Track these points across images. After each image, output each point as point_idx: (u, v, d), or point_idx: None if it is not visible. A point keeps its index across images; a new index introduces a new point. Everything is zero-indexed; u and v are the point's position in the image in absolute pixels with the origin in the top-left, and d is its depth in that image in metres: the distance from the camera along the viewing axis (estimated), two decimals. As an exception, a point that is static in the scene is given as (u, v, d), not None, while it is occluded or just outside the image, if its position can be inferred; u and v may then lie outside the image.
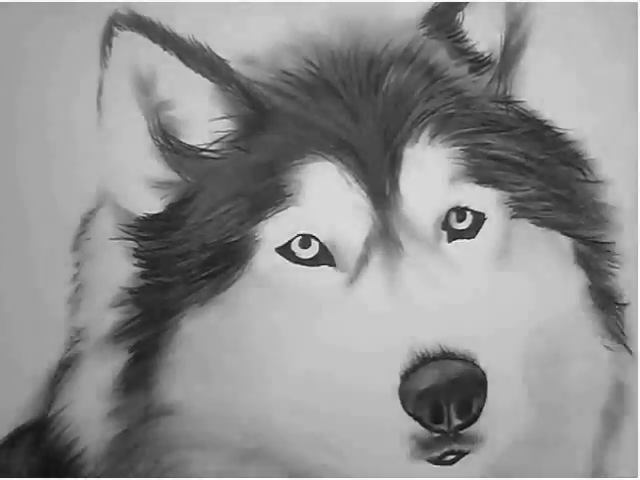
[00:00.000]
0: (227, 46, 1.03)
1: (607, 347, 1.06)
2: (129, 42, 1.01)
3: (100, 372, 1.02)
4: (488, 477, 1.00)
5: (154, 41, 1.02)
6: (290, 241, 1.01)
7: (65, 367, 1.05)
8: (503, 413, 0.98)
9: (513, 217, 1.04)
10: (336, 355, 0.99)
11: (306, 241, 1.01)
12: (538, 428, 1.02)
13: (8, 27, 1.06)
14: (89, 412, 1.02)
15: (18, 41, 1.06)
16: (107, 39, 1.02)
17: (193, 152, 1.03)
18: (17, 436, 1.06)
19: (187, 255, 1.02)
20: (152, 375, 1.02)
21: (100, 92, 1.02)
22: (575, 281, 1.05)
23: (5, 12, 1.06)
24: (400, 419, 0.96)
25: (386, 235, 1.01)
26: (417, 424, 0.96)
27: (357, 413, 0.98)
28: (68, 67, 1.05)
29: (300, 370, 1.00)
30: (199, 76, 1.02)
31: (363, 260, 1.01)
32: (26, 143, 1.06)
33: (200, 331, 1.01)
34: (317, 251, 1.01)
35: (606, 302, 1.06)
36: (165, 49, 1.02)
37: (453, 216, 1.03)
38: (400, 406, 0.96)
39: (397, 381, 0.96)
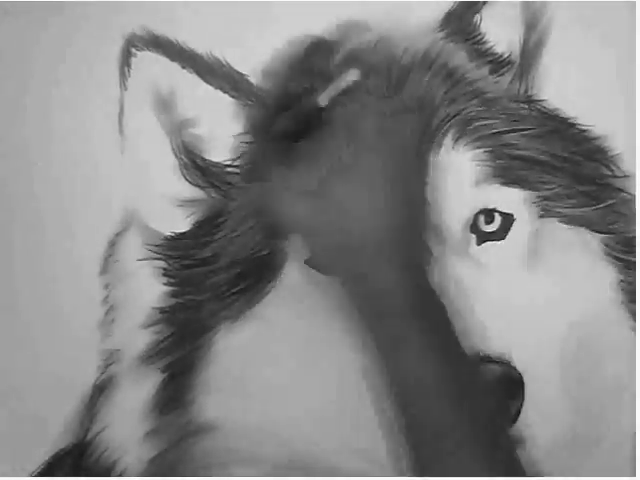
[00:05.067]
0: (246, 60, 1.03)
1: (642, 342, 1.06)
2: (147, 62, 1.02)
3: (136, 393, 1.02)
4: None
5: (172, 59, 1.02)
6: (318, 252, 1.01)
7: (100, 390, 1.05)
8: (541, 414, 0.97)
9: (541, 216, 1.03)
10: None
11: (334, 251, 1.01)
12: (577, 428, 1.01)
13: (25, 53, 1.06)
14: (127, 434, 1.02)
15: (37, 66, 1.06)
16: (125, 60, 1.02)
17: (217, 169, 1.03)
18: (56, 461, 1.05)
19: (217, 272, 1.02)
20: (188, 394, 1.02)
21: (121, 113, 1.03)
22: (607, 277, 1.04)
23: (23, 38, 1.06)
24: None
25: None
26: (456, 429, 0.96)
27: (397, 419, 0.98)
28: (89, 90, 1.05)
29: (335, 380, 0.99)
30: (219, 92, 1.02)
31: (392, 267, 1.01)
32: (50, 168, 1.06)
33: (234, 347, 1.01)
34: (346, 261, 1.01)
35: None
36: (184, 67, 1.02)
37: (481, 219, 1.02)
38: None
39: (434, 387, 0.96)
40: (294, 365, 1.00)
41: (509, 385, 0.95)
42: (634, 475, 1.03)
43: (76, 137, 1.05)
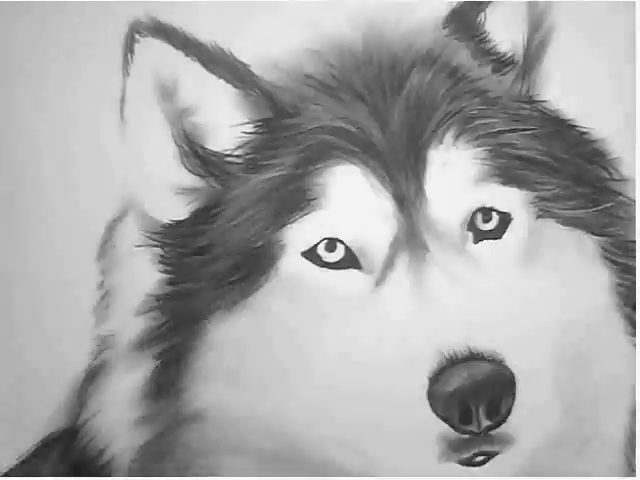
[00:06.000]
0: (249, 51, 1.03)
1: (634, 344, 1.05)
2: (151, 49, 1.02)
3: (128, 379, 1.03)
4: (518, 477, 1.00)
5: (176, 47, 1.02)
6: (316, 245, 1.01)
7: (93, 375, 1.05)
8: (532, 413, 0.98)
9: (539, 217, 1.04)
10: (363, 358, 0.99)
11: (332, 245, 1.02)
12: (567, 427, 1.02)
13: (30, 36, 1.07)
14: (118, 420, 1.03)
15: (41, 50, 1.06)
16: (129, 46, 1.02)
17: (217, 158, 1.04)
18: (47, 445, 1.06)
19: (213, 261, 1.02)
20: (180, 381, 1.02)
21: (123, 100, 1.03)
22: (602, 280, 1.05)
23: (27, 22, 1.07)
24: (429, 421, 0.96)
25: (412, 237, 1.01)
26: (446, 426, 0.96)
27: (386, 416, 0.98)
28: (91, 75, 1.06)
29: (328, 373, 1.00)
30: (222, 82, 1.03)
31: (389, 262, 1.01)
32: (51, 153, 1.07)
33: (227, 336, 1.02)
34: (343, 254, 1.01)
35: (633, 299, 1.05)
36: (187, 55, 1.02)
37: (479, 217, 1.03)
38: (429, 408, 0.96)
39: (426, 383, 0.96)
40: (286, 356, 1.00)
41: (501, 383, 0.96)
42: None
43: (77, 122, 1.06)
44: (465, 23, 1.06)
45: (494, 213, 1.02)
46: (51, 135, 1.06)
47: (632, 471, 1.06)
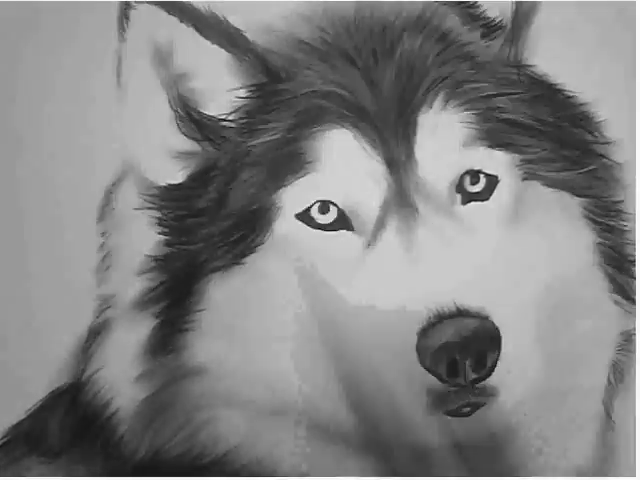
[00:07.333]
0: (243, 17, 1.04)
1: (615, 302, 1.09)
2: (146, 15, 1.03)
3: (129, 337, 1.06)
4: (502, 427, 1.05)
5: (170, 13, 1.03)
6: (309, 207, 1.04)
7: (95, 333, 1.08)
8: (516, 366, 1.02)
9: (525, 179, 1.06)
10: (355, 316, 1.02)
11: (325, 207, 1.04)
12: (550, 380, 1.05)
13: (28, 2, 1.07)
14: (120, 375, 1.06)
15: (39, 16, 1.07)
16: (124, 12, 1.03)
17: (213, 122, 1.05)
18: (53, 399, 1.09)
19: (209, 223, 1.05)
20: (179, 338, 1.05)
21: (119, 65, 1.04)
22: (584, 239, 1.08)
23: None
24: (418, 374, 1.00)
25: (402, 199, 1.04)
26: (435, 379, 1.00)
27: (377, 370, 1.02)
28: (87, 40, 1.06)
29: (320, 331, 1.03)
30: (216, 47, 1.04)
31: (380, 224, 1.04)
32: (49, 118, 1.08)
33: (224, 296, 1.05)
34: (335, 216, 1.04)
35: (615, 259, 1.09)
36: (182, 21, 1.03)
37: (467, 179, 1.05)
38: (418, 362, 1.00)
39: (414, 338, 1.00)
40: (281, 314, 1.04)
41: (487, 338, 0.99)
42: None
43: (74, 88, 1.07)
44: (455, -12, 1.08)
45: (482, 175, 1.05)
46: (49, 101, 1.07)
47: (610, 419, 1.11)
